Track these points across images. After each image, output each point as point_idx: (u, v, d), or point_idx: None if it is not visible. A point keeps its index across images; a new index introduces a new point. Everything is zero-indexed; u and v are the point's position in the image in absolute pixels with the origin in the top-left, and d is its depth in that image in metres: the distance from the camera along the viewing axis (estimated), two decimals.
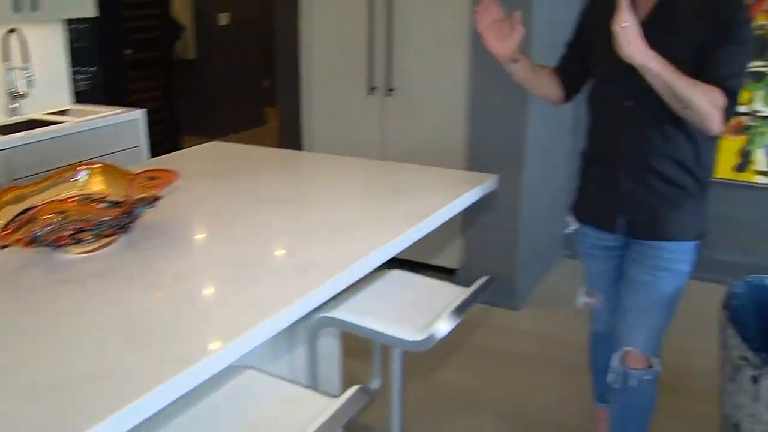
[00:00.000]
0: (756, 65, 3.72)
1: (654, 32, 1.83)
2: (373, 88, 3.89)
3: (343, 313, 1.94)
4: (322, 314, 1.91)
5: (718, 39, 1.86)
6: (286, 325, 1.46)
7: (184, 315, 1.43)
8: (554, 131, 3.97)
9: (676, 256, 2.07)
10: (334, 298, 1.76)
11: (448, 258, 3.93)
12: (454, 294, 2.07)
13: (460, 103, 3.67)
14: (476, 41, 3.49)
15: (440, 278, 2.24)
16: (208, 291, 1.59)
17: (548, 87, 2.23)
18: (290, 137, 4.34)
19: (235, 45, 7.50)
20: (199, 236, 1.97)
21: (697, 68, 1.85)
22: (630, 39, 1.73)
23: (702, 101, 1.80)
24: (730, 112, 1.85)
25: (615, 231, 2.15)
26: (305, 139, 4.19)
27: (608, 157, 2.10)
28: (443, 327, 1.83)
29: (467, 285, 2.08)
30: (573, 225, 2.29)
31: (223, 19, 7.34)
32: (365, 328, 1.90)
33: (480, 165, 3.54)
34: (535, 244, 3.92)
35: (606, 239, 2.21)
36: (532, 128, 3.56)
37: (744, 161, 3.93)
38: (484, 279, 2.11)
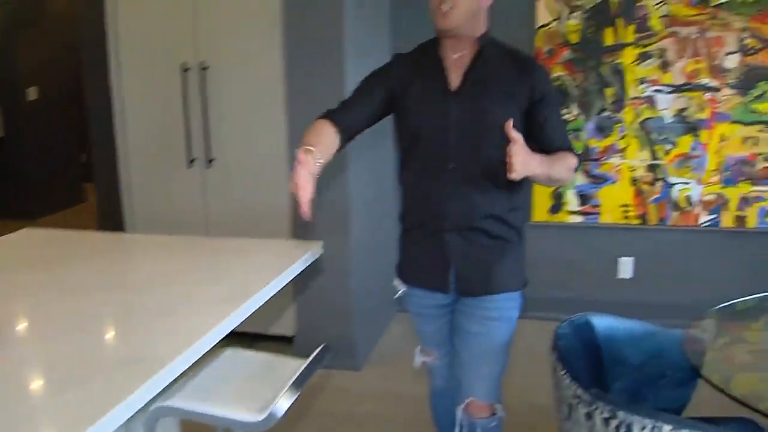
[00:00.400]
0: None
1: (473, 95, 2.03)
2: (192, 160, 3.83)
3: (179, 400, 1.88)
4: (157, 404, 1.83)
5: (544, 109, 2.07)
6: (118, 424, 1.38)
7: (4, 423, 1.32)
8: (378, 192, 4.06)
9: (506, 305, 2.15)
10: (169, 385, 1.69)
11: (284, 326, 3.89)
12: (292, 367, 2.05)
13: (282, 170, 3.67)
14: (293, 104, 3.55)
15: (278, 347, 2.22)
16: (26, 394, 1.47)
17: (333, 151, 2.06)
18: (110, 215, 4.18)
19: (46, 120, 7.15)
20: (12, 334, 1.81)
21: (531, 135, 2.01)
22: (523, 162, 1.81)
23: (568, 173, 2.05)
24: (578, 167, 2.16)
25: (447, 291, 2.18)
26: (126, 215, 4.03)
27: (432, 219, 2.13)
28: (283, 404, 1.81)
29: (305, 352, 2.07)
30: (401, 288, 2.30)
31: (32, 93, 6.99)
32: (204, 414, 1.85)
33: (304, 230, 3.56)
34: (369, 304, 3.96)
35: (436, 298, 2.24)
36: (355, 191, 3.62)
37: (557, 203, 4.20)
38: (319, 348, 2.10)
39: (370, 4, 3.89)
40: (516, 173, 1.80)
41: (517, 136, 1.81)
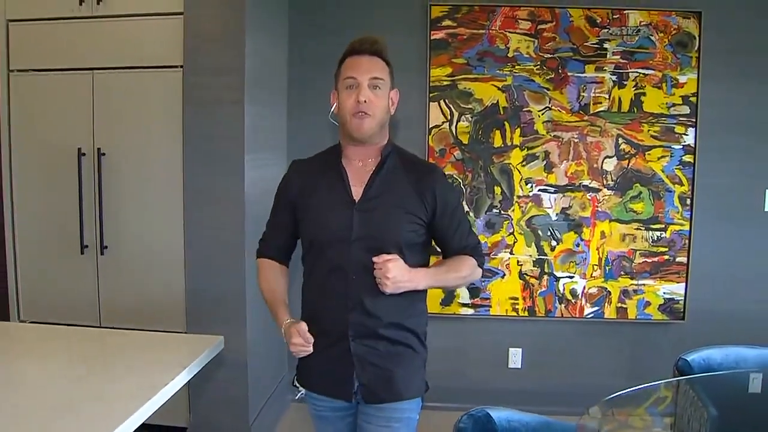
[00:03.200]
0: None
1: (374, 207, 2.09)
2: (85, 247, 3.73)
3: None
4: None
5: (445, 217, 2.17)
6: None
7: None
8: None
9: (408, 407, 2.20)
10: None
11: (176, 416, 3.77)
12: None
13: (177, 258, 3.64)
14: (189, 192, 3.54)
15: None
16: None
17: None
18: None
19: None
20: None
21: (436, 240, 2.19)
22: (393, 279, 1.98)
23: (468, 274, 2.21)
24: (482, 260, 2.28)
25: (349, 399, 2.17)
26: (12, 303, 3.85)
27: (334, 328, 2.13)
28: None
29: None
30: (301, 391, 2.29)
31: None
32: None
33: (200, 319, 3.53)
34: (265, 393, 3.91)
35: (336, 403, 2.23)
36: (250, 282, 3.62)
37: (448, 296, 4.31)
38: None
39: (271, 85, 4.00)
40: (387, 288, 1.99)
41: (388, 257, 1.99)
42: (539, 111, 4.23)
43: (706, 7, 4.16)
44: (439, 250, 2.32)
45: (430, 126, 4.28)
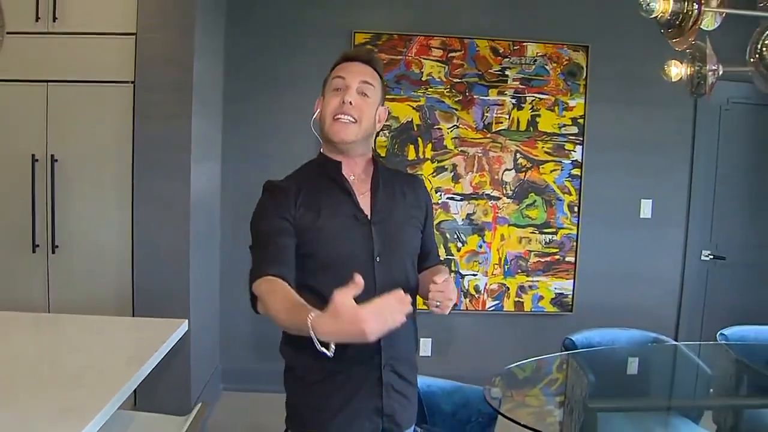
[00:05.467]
0: None
1: (388, 221, 1.96)
2: (36, 246, 4.02)
3: None
4: None
5: (429, 225, 2.14)
6: None
7: None
8: (206, 274, 4.47)
9: None
10: None
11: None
12: (175, 421, 2.42)
13: (125, 257, 3.98)
14: (138, 196, 3.89)
15: None
16: None
17: None
18: None
19: None
20: None
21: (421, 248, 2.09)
22: (453, 299, 1.85)
23: None
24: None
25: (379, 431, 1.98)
26: None
27: (363, 358, 1.91)
28: None
29: None
30: None
31: None
32: None
33: (146, 313, 3.84)
34: (202, 381, 4.30)
35: None
36: (196, 271, 4.01)
37: None
38: (198, 405, 2.49)
39: (211, 101, 4.40)
40: (447, 311, 1.87)
41: (446, 276, 1.87)
42: (448, 128, 4.79)
43: (593, 41, 4.83)
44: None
45: None
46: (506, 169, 4.83)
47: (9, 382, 2.12)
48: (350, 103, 1.90)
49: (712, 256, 5.21)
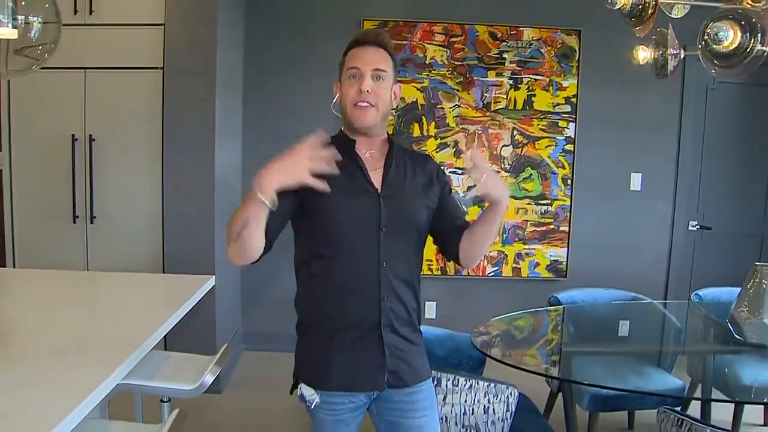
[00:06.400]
0: None
1: (397, 195, 2.08)
2: (77, 217, 4.46)
3: (134, 379, 2.60)
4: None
5: (448, 198, 2.22)
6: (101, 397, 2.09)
7: None
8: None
9: (431, 392, 2.22)
10: None
11: None
12: (203, 359, 2.87)
13: (156, 226, 4.42)
14: (168, 172, 4.31)
15: None
16: None
17: (260, 242, 1.97)
18: None
19: None
20: None
21: (440, 223, 2.17)
22: (500, 180, 1.98)
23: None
24: None
25: (382, 389, 2.11)
26: (8, 266, 4.55)
27: (364, 319, 2.07)
28: (209, 378, 2.62)
29: None
30: (314, 397, 2.11)
31: None
32: (155, 387, 2.62)
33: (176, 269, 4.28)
34: (225, 339, 4.74)
35: (355, 401, 2.13)
36: (220, 239, 4.45)
37: None
38: (225, 346, 2.92)
39: (232, 86, 4.82)
40: (502, 193, 1.99)
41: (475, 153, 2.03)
42: (450, 108, 5.18)
43: (585, 26, 5.20)
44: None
45: None
46: (504, 145, 5.21)
47: (76, 317, 2.57)
48: (367, 91, 2.02)
49: (698, 227, 5.58)
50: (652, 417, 3.21)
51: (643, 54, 3.35)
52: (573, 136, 5.26)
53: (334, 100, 2.12)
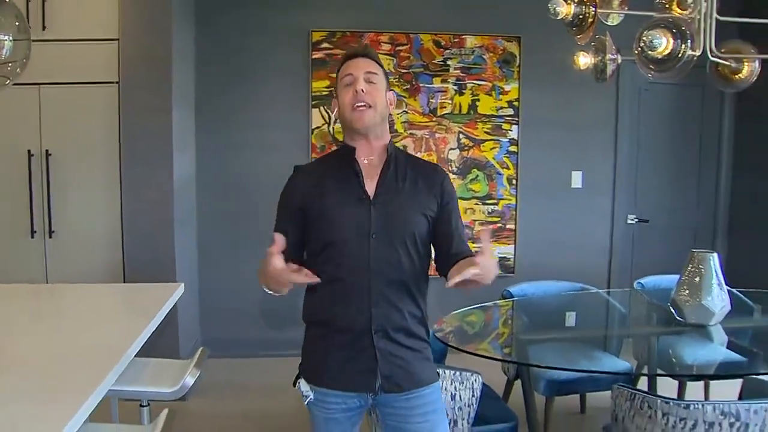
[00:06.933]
0: None
1: (389, 202, 2.11)
2: (35, 232, 4.48)
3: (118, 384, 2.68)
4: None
5: (449, 213, 2.20)
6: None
7: None
8: (190, 250, 4.99)
9: (436, 396, 2.23)
10: None
11: None
12: (180, 363, 2.97)
13: (116, 238, 4.48)
14: (127, 183, 4.38)
15: None
16: None
17: None
18: None
19: None
20: None
21: (438, 240, 2.18)
22: (493, 267, 1.94)
23: None
24: None
25: (374, 391, 2.14)
26: None
27: (355, 324, 2.11)
28: (189, 380, 2.74)
29: None
30: (309, 393, 2.19)
31: None
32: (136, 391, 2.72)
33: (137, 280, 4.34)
34: (186, 349, 4.82)
35: (350, 401, 2.19)
36: (180, 249, 4.54)
37: None
38: (200, 350, 3.03)
39: (186, 97, 4.92)
40: (489, 279, 1.93)
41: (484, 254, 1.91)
42: (398, 114, 5.36)
43: (525, 33, 5.46)
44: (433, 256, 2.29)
45: (313, 127, 5.32)
46: (451, 149, 5.42)
47: (50, 327, 2.65)
48: (362, 90, 2.09)
49: (637, 220, 5.89)
50: (602, 400, 3.45)
51: (584, 60, 3.58)
52: (516, 138, 5.50)
53: (334, 114, 2.24)
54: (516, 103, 5.47)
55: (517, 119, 5.49)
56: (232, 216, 5.34)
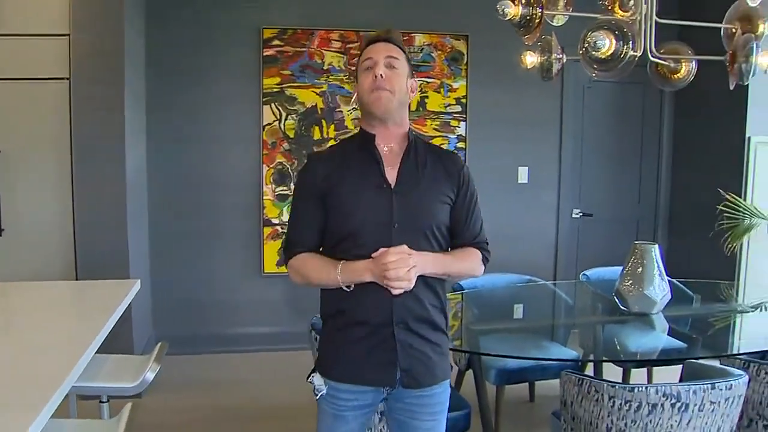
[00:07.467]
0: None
1: (411, 191, 2.08)
2: None
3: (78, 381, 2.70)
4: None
5: (468, 204, 2.19)
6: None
7: None
8: (142, 245, 4.98)
9: (445, 396, 2.22)
10: None
11: None
12: (140, 359, 3.00)
13: (67, 235, 4.45)
14: (79, 180, 4.36)
15: None
16: None
17: None
18: None
19: None
20: None
21: (453, 222, 2.16)
22: (400, 277, 1.94)
23: (469, 268, 2.21)
24: (488, 255, 2.28)
25: (394, 385, 2.12)
26: None
27: (375, 316, 2.07)
28: (150, 375, 2.77)
29: None
30: (322, 387, 2.17)
31: None
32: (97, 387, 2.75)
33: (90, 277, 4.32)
34: (140, 345, 4.81)
35: (363, 398, 2.16)
36: (133, 245, 4.54)
37: (282, 258, 5.41)
38: (159, 344, 3.06)
39: (137, 92, 4.91)
40: (393, 290, 1.97)
41: (401, 249, 1.97)
42: (348, 111, 5.44)
43: (472, 31, 5.58)
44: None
45: (264, 124, 5.36)
46: None
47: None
48: (381, 75, 2.04)
49: (581, 214, 6.07)
50: (549, 389, 3.59)
51: (531, 59, 3.70)
52: (464, 135, 5.62)
53: (354, 98, 2.17)
54: (464, 100, 5.59)
55: (464, 116, 5.61)
56: (184, 211, 5.34)
